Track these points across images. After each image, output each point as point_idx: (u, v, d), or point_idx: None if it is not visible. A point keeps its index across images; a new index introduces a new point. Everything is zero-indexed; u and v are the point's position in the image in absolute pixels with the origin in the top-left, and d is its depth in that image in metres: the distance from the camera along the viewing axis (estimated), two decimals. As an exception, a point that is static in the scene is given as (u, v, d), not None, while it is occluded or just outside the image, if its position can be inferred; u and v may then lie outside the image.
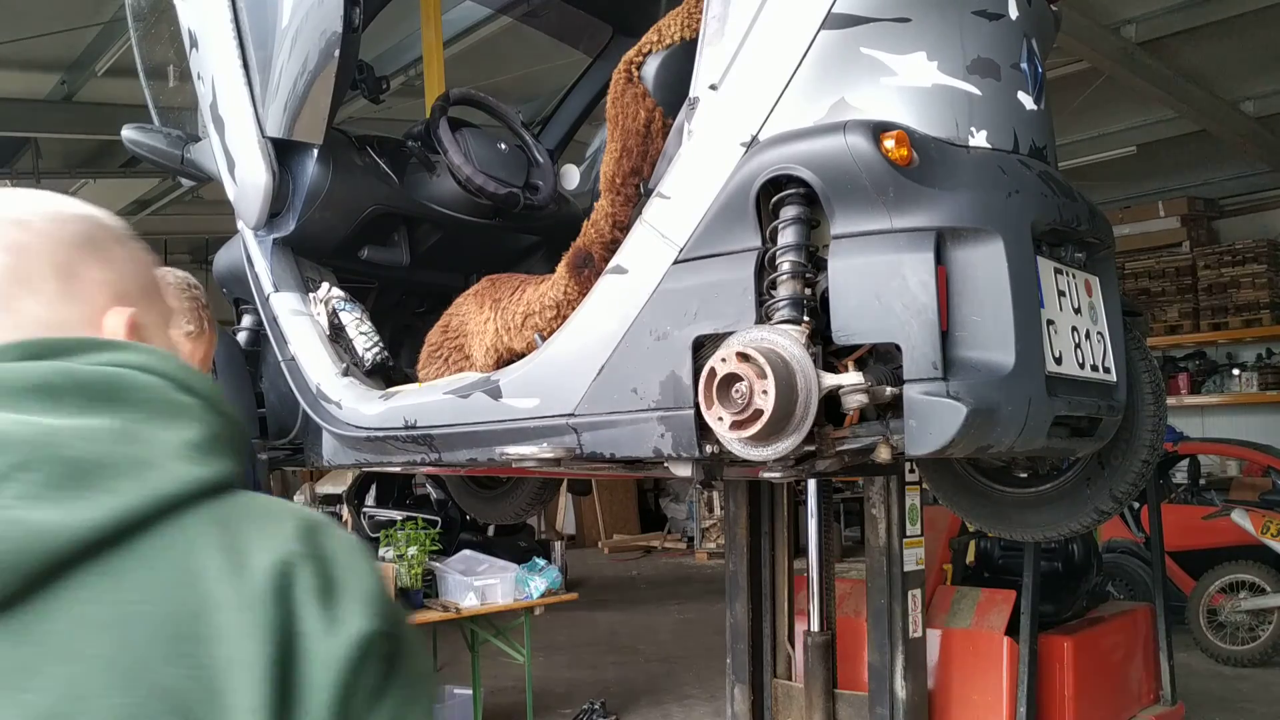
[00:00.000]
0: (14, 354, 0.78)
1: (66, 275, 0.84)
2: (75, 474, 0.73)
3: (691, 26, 2.43)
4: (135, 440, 0.77)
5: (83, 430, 0.75)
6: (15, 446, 0.72)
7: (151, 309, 0.90)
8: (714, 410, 1.95)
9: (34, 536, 0.70)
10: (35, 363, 0.77)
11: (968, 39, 2.11)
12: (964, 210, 1.95)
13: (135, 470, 0.75)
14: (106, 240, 0.89)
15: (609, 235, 2.51)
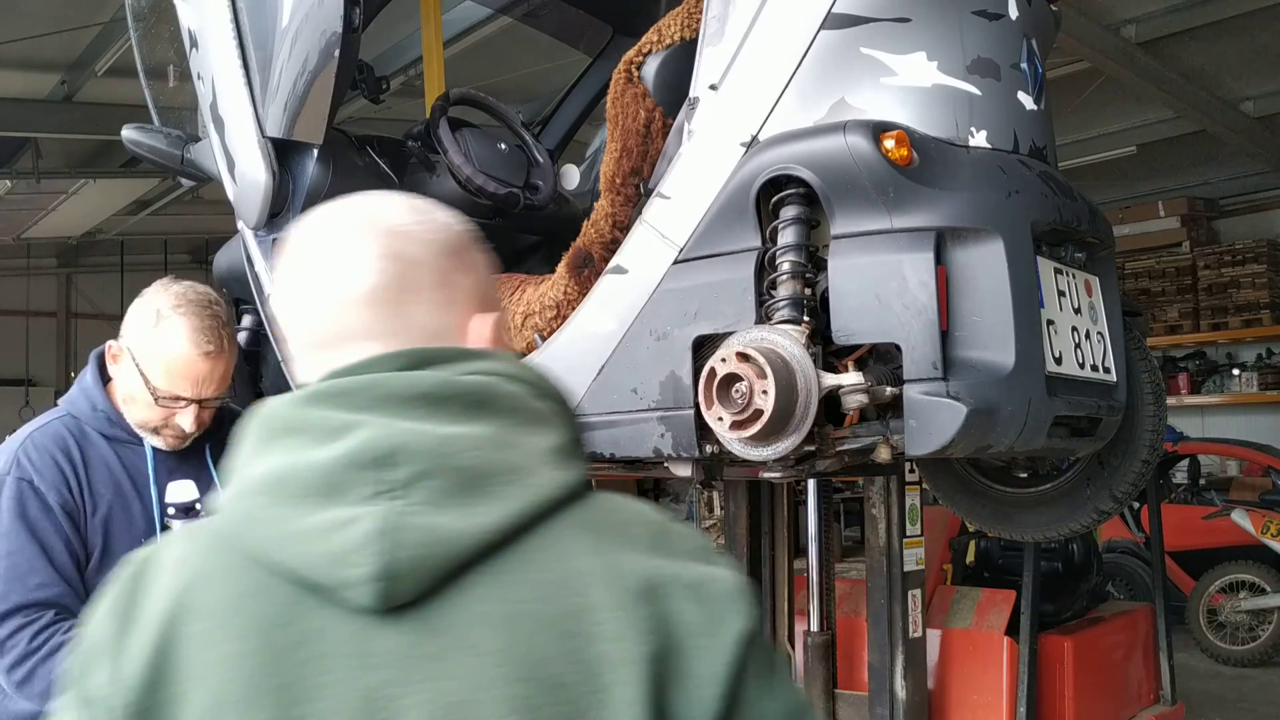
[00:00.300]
0: (398, 363, 0.85)
1: (443, 283, 0.91)
2: (468, 481, 0.80)
3: (691, 26, 2.43)
4: (510, 447, 0.83)
5: (469, 438, 0.82)
6: (418, 456, 0.80)
7: (498, 312, 0.97)
8: (714, 410, 1.95)
9: (441, 541, 0.78)
10: (419, 372, 0.85)
11: (968, 39, 2.12)
12: (964, 210, 1.95)
13: (515, 477, 0.82)
14: (468, 247, 0.98)
15: (609, 235, 2.51)
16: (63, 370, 14.92)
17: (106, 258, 13.52)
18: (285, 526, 0.80)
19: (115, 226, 11.68)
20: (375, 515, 0.78)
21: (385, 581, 0.77)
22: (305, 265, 0.91)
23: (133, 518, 1.93)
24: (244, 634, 0.79)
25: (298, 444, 0.82)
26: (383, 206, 0.93)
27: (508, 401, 0.86)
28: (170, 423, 1.94)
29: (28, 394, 14.12)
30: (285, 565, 0.79)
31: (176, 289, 1.95)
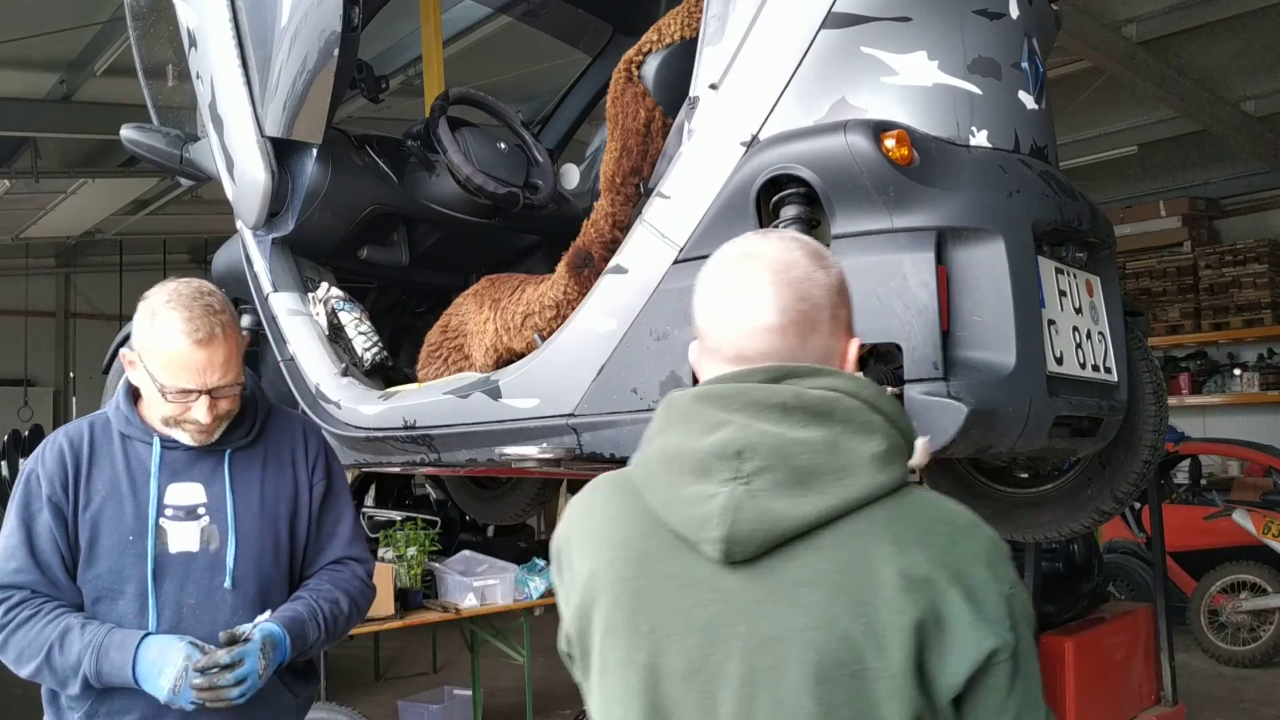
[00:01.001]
0: (763, 376, 1.12)
1: (833, 317, 1.17)
2: (800, 477, 1.07)
3: (691, 26, 2.43)
4: (839, 451, 1.08)
5: (805, 442, 1.08)
6: (763, 453, 1.08)
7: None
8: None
9: (774, 520, 1.07)
10: (776, 385, 1.11)
11: (968, 38, 2.11)
12: (965, 210, 1.94)
13: (839, 476, 1.07)
14: (846, 283, 1.21)
15: (609, 235, 2.50)
16: (61, 370, 14.92)
17: (105, 257, 13.52)
18: (671, 492, 1.12)
19: (114, 226, 11.68)
20: (726, 495, 1.07)
21: (727, 544, 1.07)
22: (729, 297, 1.17)
23: (123, 514, 1.93)
24: (635, 563, 1.14)
25: (688, 431, 1.13)
26: (792, 255, 1.17)
27: (845, 414, 1.10)
28: (188, 416, 1.93)
29: (26, 394, 14.13)
30: (667, 521, 1.12)
31: (170, 286, 1.95)
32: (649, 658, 1.11)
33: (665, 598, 1.11)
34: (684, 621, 1.10)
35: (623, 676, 1.13)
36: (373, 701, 6.52)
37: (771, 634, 1.06)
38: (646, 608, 1.12)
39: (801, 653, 1.05)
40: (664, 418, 1.18)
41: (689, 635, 1.09)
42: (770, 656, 1.06)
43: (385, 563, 5.76)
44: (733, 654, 1.07)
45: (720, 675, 1.08)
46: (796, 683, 1.05)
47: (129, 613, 1.92)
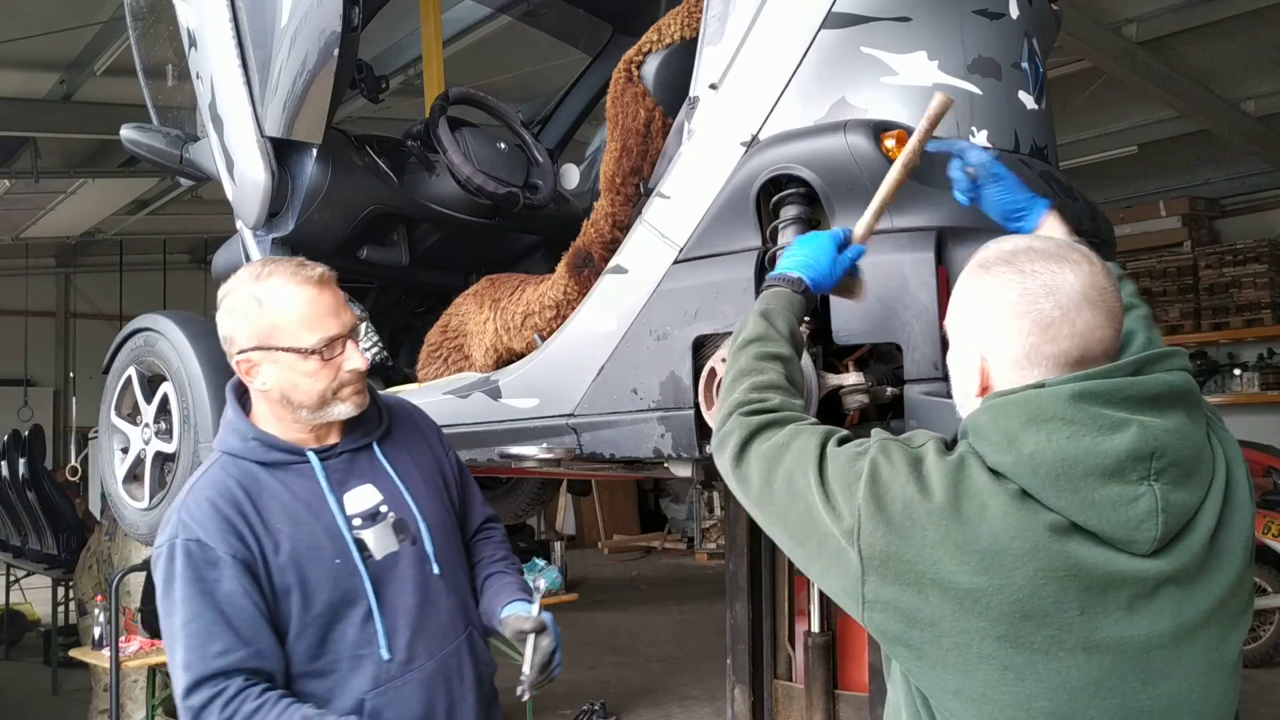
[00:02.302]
0: (1130, 369, 1.22)
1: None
2: (1189, 469, 1.21)
3: (691, 26, 2.43)
4: (1196, 434, 1.24)
5: (1182, 430, 1.22)
6: (1169, 450, 1.19)
7: None
8: (714, 410, 1.95)
9: (1182, 511, 1.20)
10: (1146, 377, 1.22)
11: (968, 38, 2.11)
12: (964, 210, 1.94)
13: (1204, 458, 1.24)
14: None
15: (609, 235, 2.50)
16: (61, 370, 14.92)
17: (105, 257, 13.51)
18: (1085, 496, 1.18)
19: (114, 226, 11.68)
20: (1148, 495, 1.18)
21: (1160, 542, 1.19)
22: (1068, 304, 1.23)
23: (319, 543, 1.74)
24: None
25: (1078, 431, 1.19)
26: (1096, 260, 1.26)
27: (1196, 396, 1.26)
28: (342, 376, 1.79)
29: (26, 394, 14.13)
30: (1082, 523, 1.19)
31: (241, 275, 1.84)
32: (1081, 639, 1.19)
33: (1088, 588, 1.19)
34: (1127, 592, 1.19)
35: (1060, 660, 1.19)
36: (373, 701, 6.51)
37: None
38: (1082, 593, 1.18)
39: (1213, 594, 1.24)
40: (1024, 416, 1.21)
41: (1125, 618, 1.19)
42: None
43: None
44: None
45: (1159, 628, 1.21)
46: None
47: (356, 638, 1.75)
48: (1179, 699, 1.20)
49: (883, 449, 1.28)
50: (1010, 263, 1.26)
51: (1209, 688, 1.22)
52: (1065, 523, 1.18)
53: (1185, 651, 1.20)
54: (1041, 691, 1.18)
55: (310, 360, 1.76)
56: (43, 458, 8.84)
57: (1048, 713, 1.19)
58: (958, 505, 1.20)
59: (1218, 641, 1.23)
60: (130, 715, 5.28)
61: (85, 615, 6.62)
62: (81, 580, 6.88)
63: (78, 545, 7.64)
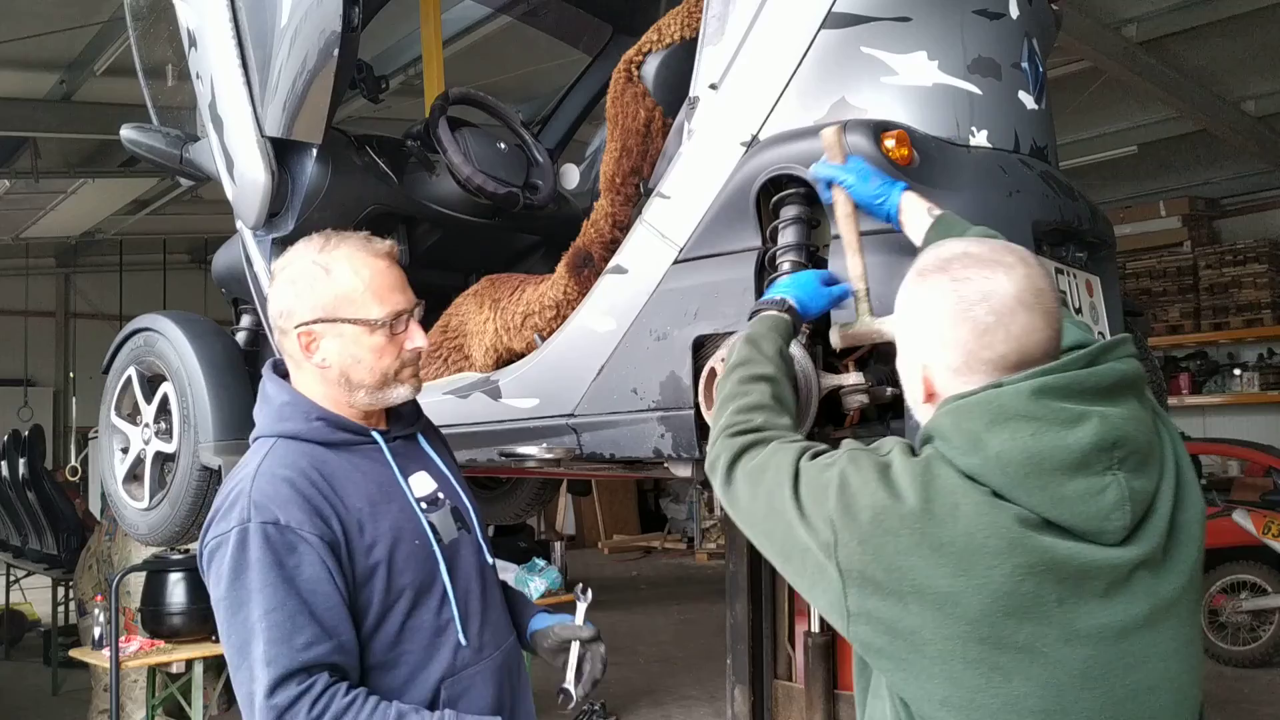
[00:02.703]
0: (1084, 360, 1.24)
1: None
2: (1145, 456, 1.25)
3: (691, 26, 2.43)
4: (1146, 420, 1.27)
5: (1135, 418, 1.25)
6: (1128, 439, 1.22)
7: None
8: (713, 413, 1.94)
9: (1144, 497, 1.23)
10: (1100, 367, 1.25)
11: (968, 38, 2.11)
12: (965, 210, 1.94)
13: (1155, 443, 1.28)
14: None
15: (609, 235, 2.50)
16: (61, 370, 14.92)
17: (105, 257, 13.52)
18: (1053, 492, 1.20)
19: (114, 226, 11.68)
20: (1115, 485, 1.21)
21: (1129, 530, 1.22)
22: (1006, 306, 1.25)
23: (400, 522, 1.66)
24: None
25: (1040, 427, 1.20)
26: (1030, 260, 1.28)
27: (1142, 382, 1.29)
28: (405, 355, 1.72)
29: (26, 394, 14.14)
30: (1053, 519, 1.20)
31: (303, 246, 1.75)
32: (1063, 629, 1.20)
33: (1065, 576, 1.20)
34: (1099, 582, 1.21)
35: (1044, 656, 1.20)
36: (373, 701, 6.51)
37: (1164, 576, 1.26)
38: (1058, 584, 1.19)
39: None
40: (987, 417, 1.22)
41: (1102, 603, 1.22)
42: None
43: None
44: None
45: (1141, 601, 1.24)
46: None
47: (433, 624, 1.68)
48: (1161, 678, 1.23)
49: (851, 459, 1.29)
50: (944, 270, 1.28)
51: (1185, 662, 1.26)
52: (1037, 518, 1.20)
53: (1162, 631, 1.23)
54: (1030, 690, 1.19)
55: (378, 334, 1.68)
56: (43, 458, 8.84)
57: (1037, 711, 1.19)
58: (929, 507, 1.21)
59: (1188, 617, 1.27)
60: (130, 715, 5.28)
61: (85, 615, 6.62)
62: (81, 580, 6.88)
63: (78, 545, 7.64)
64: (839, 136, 1.87)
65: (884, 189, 1.82)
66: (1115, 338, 1.30)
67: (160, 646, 4.85)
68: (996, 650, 1.18)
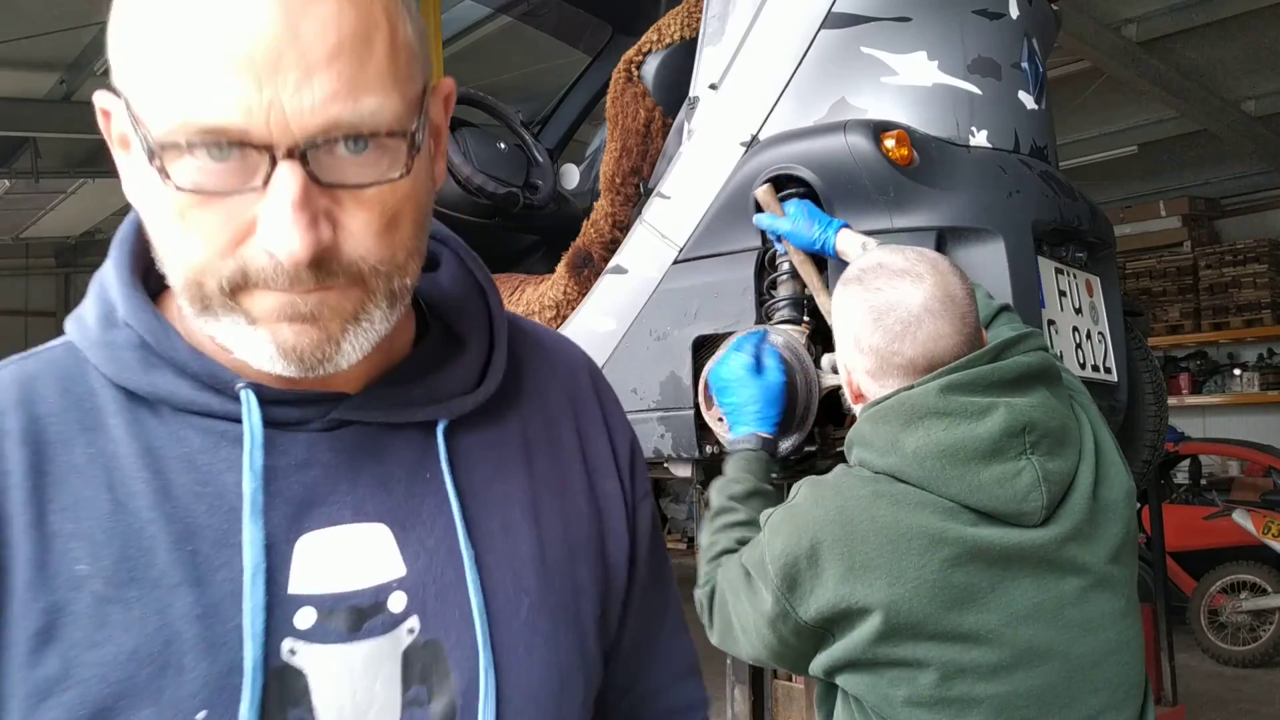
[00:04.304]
0: (989, 356, 1.30)
1: (978, 324, 1.36)
2: (1059, 439, 1.30)
3: (691, 26, 2.43)
4: (1060, 407, 1.32)
5: (1046, 405, 1.30)
6: (1038, 424, 1.28)
7: None
8: (714, 410, 1.95)
9: (1061, 478, 1.28)
10: (1005, 362, 1.30)
11: (968, 38, 2.11)
12: (965, 210, 1.94)
13: (1072, 428, 1.33)
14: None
15: (609, 235, 2.50)
16: (63, 370, 14.92)
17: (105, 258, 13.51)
18: (971, 480, 1.25)
19: (114, 226, 11.60)
20: (1029, 468, 1.26)
21: (1048, 511, 1.28)
22: (914, 315, 1.31)
23: (166, 626, 0.62)
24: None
25: (952, 422, 1.26)
26: (944, 270, 1.34)
27: (1053, 371, 1.36)
28: (247, 254, 0.60)
29: (27, 394, 14.12)
30: (974, 505, 1.26)
31: None
32: (1006, 614, 1.26)
33: (1001, 561, 1.26)
34: (1026, 563, 1.27)
35: (990, 641, 1.25)
36: (373, 701, 6.50)
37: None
38: (987, 570, 1.26)
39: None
40: (901, 418, 1.29)
41: (1029, 580, 1.27)
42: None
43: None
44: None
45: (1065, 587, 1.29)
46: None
47: None
48: (1104, 649, 1.29)
49: (770, 531, 1.34)
50: (860, 280, 1.37)
51: (1124, 632, 1.32)
52: (958, 508, 1.26)
53: (1097, 603, 1.29)
54: (978, 680, 1.24)
55: (159, 180, 0.60)
56: (43, 458, 8.83)
57: (988, 695, 1.24)
58: (849, 531, 1.26)
59: (1122, 587, 1.33)
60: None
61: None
62: (81, 580, 6.87)
63: (78, 545, 7.63)
64: (770, 194, 1.96)
65: (821, 233, 1.88)
66: (1020, 333, 1.37)
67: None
68: (943, 644, 1.24)
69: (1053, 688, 1.25)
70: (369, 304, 0.63)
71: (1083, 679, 1.27)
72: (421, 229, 0.66)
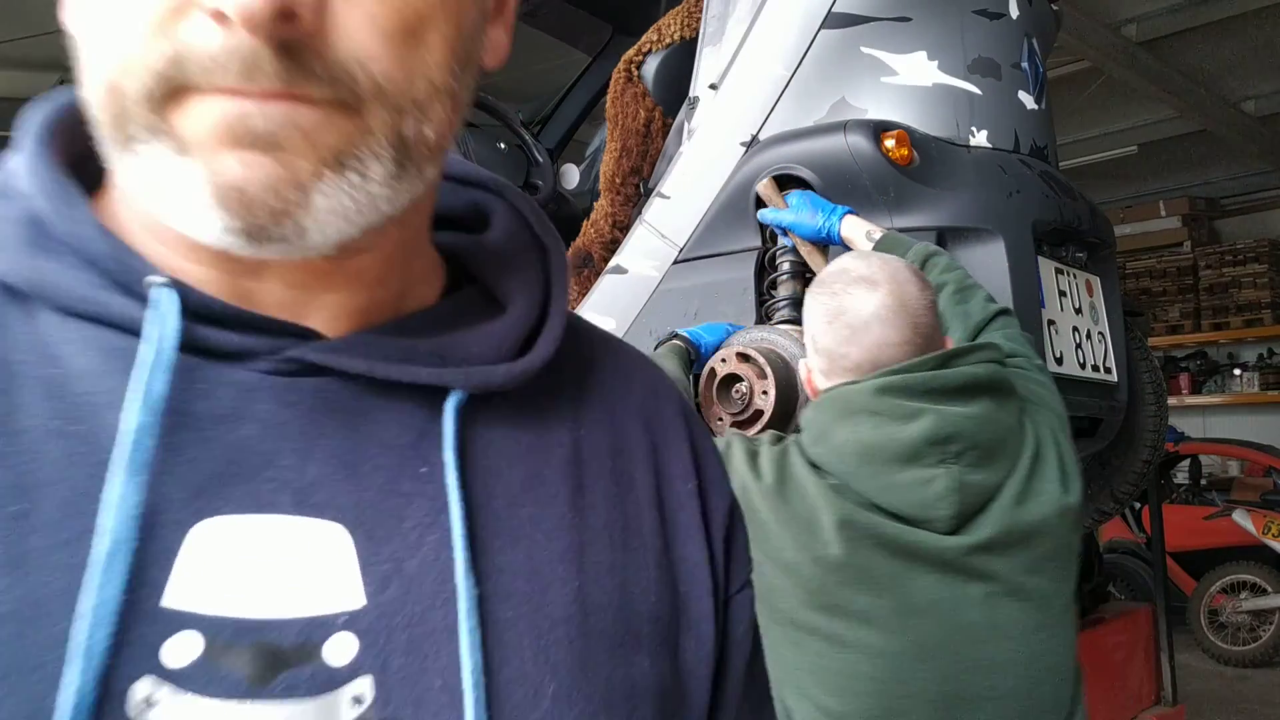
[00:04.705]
0: (935, 363, 1.33)
1: (934, 331, 1.39)
2: (989, 452, 1.31)
3: (691, 26, 2.43)
4: (1002, 420, 1.34)
5: (984, 416, 1.32)
6: (965, 435, 1.29)
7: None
8: (714, 410, 1.95)
9: (980, 490, 1.30)
10: (948, 370, 1.32)
11: (968, 38, 2.11)
12: (965, 210, 1.94)
13: (1009, 442, 1.34)
14: (936, 299, 1.45)
15: (609, 235, 2.50)
16: (63, 370, 14.92)
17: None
18: (884, 480, 1.29)
19: (115, 226, 11.67)
20: (945, 476, 1.29)
21: (957, 520, 1.29)
22: (864, 324, 1.36)
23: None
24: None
25: (879, 422, 1.29)
26: (903, 279, 1.38)
27: (1002, 383, 1.36)
28: (193, 26, 0.39)
29: (28, 394, 14.12)
30: (884, 506, 1.30)
31: None
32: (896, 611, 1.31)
33: (909, 565, 1.30)
34: (933, 570, 1.30)
35: (878, 626, 1.30)
36: (373, 701, 6.50)
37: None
38: (901, 560, 1.30)
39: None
40: (836, 411, 1.35)
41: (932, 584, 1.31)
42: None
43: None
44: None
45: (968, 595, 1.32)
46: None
47: None
48: (1004, 659, 1.31)
49: (727, 444, 1.44)
50: (824, 284, 1.43)
51: (1037, 646, 1.33)
52: (869, 505, 1.31)
53: (1005, 611, 1.31)
54: (863, 659, 1.29)
55: None
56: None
57: (872, 677, 1.29)
58: (782, 487, 1.35)
59: (1043, 602, 1.34)
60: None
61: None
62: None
63: (78, 545, 7.64)
64: (772, 187, 1.96)
65: (825, 221, 1.89)
66: (972, 344, 1.40)
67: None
68: (834, 618, 1.30)
69: (944, 684, 1.29)
70: (362, 145, 0.42)
71: (978, 683, 1.29)
72: (460, 61, 0.47)
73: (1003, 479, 1.33)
